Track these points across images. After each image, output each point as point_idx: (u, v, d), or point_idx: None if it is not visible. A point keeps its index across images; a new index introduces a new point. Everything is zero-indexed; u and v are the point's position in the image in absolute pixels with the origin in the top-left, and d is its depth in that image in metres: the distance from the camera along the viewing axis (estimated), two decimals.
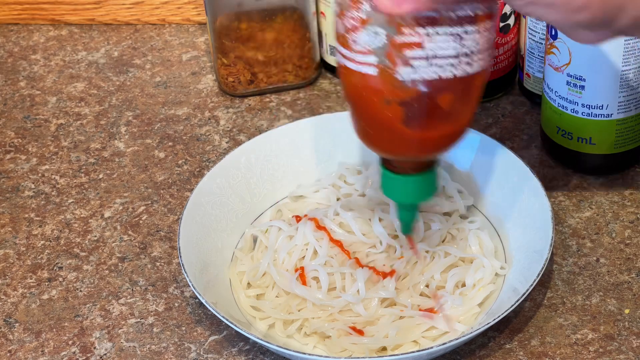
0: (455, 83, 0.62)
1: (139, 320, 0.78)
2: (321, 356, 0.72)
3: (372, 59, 0.62)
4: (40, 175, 0.92)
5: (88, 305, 0.79)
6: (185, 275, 0.74)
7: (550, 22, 0.61)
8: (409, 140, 0.65)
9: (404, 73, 0.61)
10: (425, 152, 0.67)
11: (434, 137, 0.65)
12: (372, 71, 0.62)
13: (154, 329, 0.77)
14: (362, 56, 0.62)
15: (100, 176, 0.91)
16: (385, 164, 0.69)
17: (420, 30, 0.60)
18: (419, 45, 0.60)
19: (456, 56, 0.61)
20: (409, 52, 0.61)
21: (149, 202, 0.88)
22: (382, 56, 0.61)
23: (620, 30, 0.60)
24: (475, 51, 0.62)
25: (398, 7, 0.59)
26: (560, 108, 0.85)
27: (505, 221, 0.81)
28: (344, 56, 0.63)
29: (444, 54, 0.61)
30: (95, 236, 0.85)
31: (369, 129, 0.66)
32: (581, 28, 0.61)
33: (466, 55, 0.61)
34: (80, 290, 0.81)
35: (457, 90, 0.63)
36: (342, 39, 0.63)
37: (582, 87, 0.82)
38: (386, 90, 0.62)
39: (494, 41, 0.65)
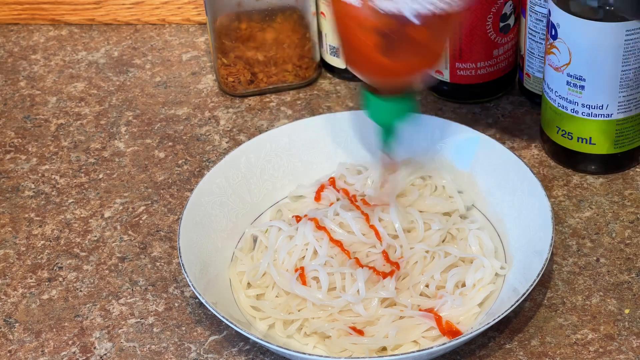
0: (431, 19, 0.66)
1: (139, 320, 0.78)
2: (321, 356, 0.72)
3: None
4: (40, 175, 0.92)
5: (88, 305, 0.79)
6: (185, 275, 0.74)
7: None
8: (384, 67, 0.70)
9: (382, 5, 0.66)
10: (398, 78, 0.73)
11: (407, 65, 0.71)
12: (354, 1, 0.67)
13: (154, 329, 0.77)
14: None
15: (100, 176, 0.91)
16: (368, 87, 0.74)
17: None
18: None
19: None
20: None
21: (149, 202, 0.88)
22: None
23: None
24: None
25: None
26: (560, 108, 0.85)
27: (505, 221, 0.81)
28: None
29: None
30: (95, 236, 0.85)
31: (352, 55, 0.72)
32: None
33: None
34: (80, 290, 0.81)
35: (432, 25, 0.67)
36: None
37: (582, 87, 0.82)
38: (365, 20, 0.67)
39: None
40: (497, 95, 0.97)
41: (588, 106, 0.83)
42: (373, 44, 0.68)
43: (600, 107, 0.83)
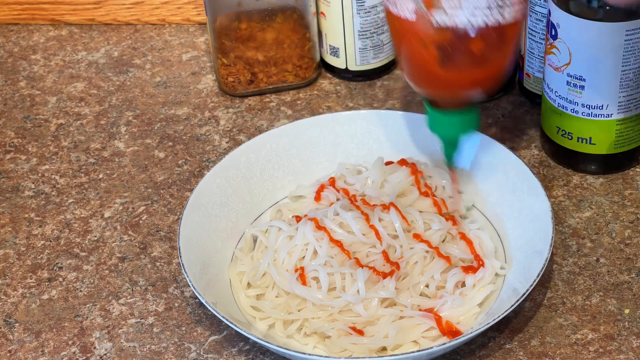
0: (487, 31, 0.67)
1: (139, 320, 0.78)
2: (321, 356, 0.72)
3: (410, 4, 0.67)
4: (40, 175, 0.92)
5: (88, 305, 0.79)
6: (185, 275, 0.74)
7: None
8: (444, 81, 0.71)
9: (438, 18, 0.67)
10: (460, 92, 0.73)
11: (468, 79, 0.71)
12: (410, 15, 0.68)
13: (154, 329, 0.77)
14: (402, 1, 0.68)
15: (100, 176, 0.91)
16: (430, 101, 0.74)
17: None
18: None
19: (488, 6, 0.66)
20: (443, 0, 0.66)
21: (149, 202, 0.88)
22: (420, 2, 0.67)
23: None
24: (508, 2, 0.67)
25: None
26: (560, 108, 0.85)
27: (505, 221, 0.81)
28: (388, 4, 0.69)
29: (476, 3, 0.66)
30: (95, 236, 0.85)
31: (410, 69, 0.72)
32: None
33: (498, 5, 0.66)
34: (80, 290, 0.81)
35: (489, 37, 0.68)
36: None
37: (582, 87, 0.82)
38: (423, 34, 0.68)
39: None
40: (497, 95, 0.97)
41: (588, 106, 0.83)
42: (432, 57, 0.69)
43: (600, 107, 0.83)
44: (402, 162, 0.84)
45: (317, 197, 0.83)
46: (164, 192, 0.89)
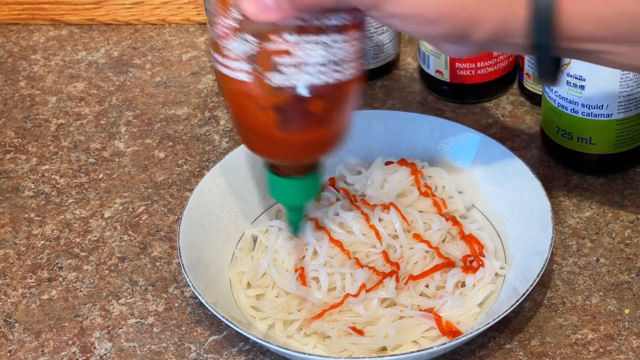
0: (325, 90, 0.63)
1: (139, 320, 0.78)
2: (321, 356, 0.72)
3: (245, 65, 0.63)
4: (40, 175, 0.92)
5: (88, 305, 0.80)
6: (185, 275, 0.74)
7: (411, 34, 0.64)
8: (285, 145, 0.66)
9: (274, 79, 0.63)
10: (302, 156, 0.68)
11: (309, 141, 0.67)
12: (245, 77, 0.63)
13: (154, 329, 0.77)
14: (235, 62, 0.63)
15: (100, 176, 0.91)
16: (271, 167, 0.70)
17: (289, 37, 0.61)
18: (287, 52, 0.62)
19: (325, 64, 0.63)
20: (278, 59, 0.62)
21: (149, 202, 0.88)
22: (254, 63, 0.63)
23: (481, 44, 0.61)
24: (345, 59, 0.63)
25: (264, 15, 0.60)
26: (560, 108, 0.85)
27: (505, 221, 0.81)
28: (218, 62, 0.65)
29: (313, 62, 0.62)
30: (95, 236, 0.85)
31: (248, 133, 0.68)
32: (440, 40, 0.64)
33: (335, 63, 0.63)
34: (80, 290, 0.81)
35: (328, 96, 0.64)
36: (215, 46, 0.64)
37: (582, 87, 0.82)
38: (259, 96, 0.64)
39: (365, 50, 0.67)
40: (497, 95, 0.97)
41: (588, 106, 0.83)
42: (270, 120, 0.65)
43: (600, 107, 0.83)
44: (402, 162, 0.84)
45: (317, 197, 0.83)
46: (164, 192, 0.89)
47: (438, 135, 0.86)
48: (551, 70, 0.62)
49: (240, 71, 0.63)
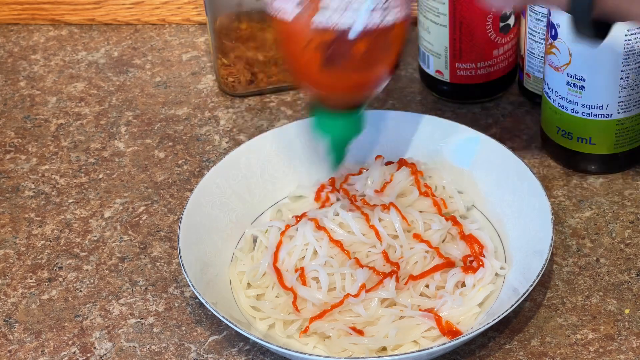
0: (369, 33, 0.66)
1: (139, 320, 0.78)
2: (321, 356, 0.72)
3: (292, 5, 0.66)
4: (40, 175, 0.92)
5: (88, 305, 0.80)
6: (185, 275, 0.74)
7: None
8: (328, 82, 0.69)
9: (319, 19, 0.65)
10: (345, 93, 0.71)
11: (351, 81, 0.70)
12: (291, 17, 0.66)
13: (154, 329, 0.77)
14: (283, 3, 0.67)
15: (100, 176, 0.91)
16: (317, 102, 0.73)
17: None
18: None
19: (373, 8, 0.65)
20: (327, 0, 0.65)
21: (149, 202, 0.88)
22: (300, 3, 0.66)
23: None
24: (392, 4, 0.65)
25: None
26: (560, 108, 0.85)
27: (505, 221, 0.81)
28: (268, 4, 0.68)
29: (360, 5, 0.64)
30: (95, 236, 0.85)
31: (295, 70, 0.71)
32: None
33: (383, 7, 0.65)
34: (80, 290, 0.81)
35: (371, 38, 0.66)
36: None
37: (582, 87, 0.82)
38: (304, 35, 0.67)
39: None
40: (497, 95, 0.97)
41: (588, 106, 0.83)
42: (312, 58, 0.67)
43: (600, 107, 0.83)
44: (402, 162, 0.84)
45: (317, 197, 0.83)
46: (164, 192, 0.89)
47: (438, 135, 0.86)
48: (588, 29, 0.62)
49: (287, 11, 0.66)
